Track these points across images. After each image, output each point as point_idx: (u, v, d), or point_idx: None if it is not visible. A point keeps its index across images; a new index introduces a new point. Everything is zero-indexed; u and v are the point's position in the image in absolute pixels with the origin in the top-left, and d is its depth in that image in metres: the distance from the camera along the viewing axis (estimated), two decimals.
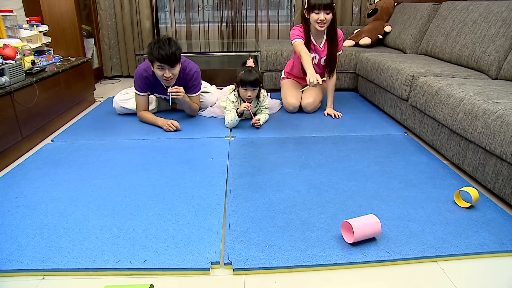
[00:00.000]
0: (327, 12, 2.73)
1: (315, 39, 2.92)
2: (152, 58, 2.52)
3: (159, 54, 2.47)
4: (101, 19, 4.44)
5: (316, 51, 2.93)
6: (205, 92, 3.06)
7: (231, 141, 2.49)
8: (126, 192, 1.84)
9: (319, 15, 2.74)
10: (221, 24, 4.64)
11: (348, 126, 2.76)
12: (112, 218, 1.62)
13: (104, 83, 4.43)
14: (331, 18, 2.77)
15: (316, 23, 2.78)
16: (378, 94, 3.12)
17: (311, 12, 2.76)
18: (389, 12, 4.07)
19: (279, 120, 2.91)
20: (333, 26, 2.83)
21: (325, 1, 2.70)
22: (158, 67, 2.54)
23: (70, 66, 3.01)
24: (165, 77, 2.57)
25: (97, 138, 2.56)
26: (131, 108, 2.95)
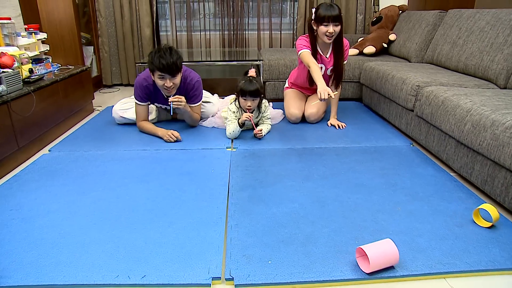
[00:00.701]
0: (336, 24, 2.72)
1: (321, 50, 2.91)
2: (152, 67, 2.53)
3: (160, 63, 2.48)
4: (101, 27, 4.47)
5: (323, 61, 2.93)
6: (206, 102, 3.06)
7: (233, 152, 2.49)
8: (125, 205, 1.83)
9: (328, 28, 2.72)
10: (222, 32, 4.67)
11: (352, 137, 2.75)
12: (110, 231, 1.61)
13: (103, 92, 4.44)
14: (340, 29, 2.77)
15: (324, 36, 2.77)
16: (383, 104, 3.12)
17: (319, 24, 2.75)
18: (394, 20, 4.09)
19: (282, 130, 2.92)
20: (340, 36, 2.82)
21: (334, 13, 2.69)
22: (159, 76, 2.54)
23: (68, 75, 3.02)
24: (166, 87, 2.57)
25: (95, 148, 2.56)
26: (131, 118, 2.95)
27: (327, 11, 2.69)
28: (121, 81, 4.72)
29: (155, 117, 3.02)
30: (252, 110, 2.71)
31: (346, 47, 2.92)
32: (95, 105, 3.70)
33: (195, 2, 4.60)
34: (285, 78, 3.62)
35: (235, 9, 4.56)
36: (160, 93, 2.78)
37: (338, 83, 2.99)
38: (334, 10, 2.70)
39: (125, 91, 4.43)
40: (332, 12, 2.69)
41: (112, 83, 4.69)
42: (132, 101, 2.99)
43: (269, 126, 2.87)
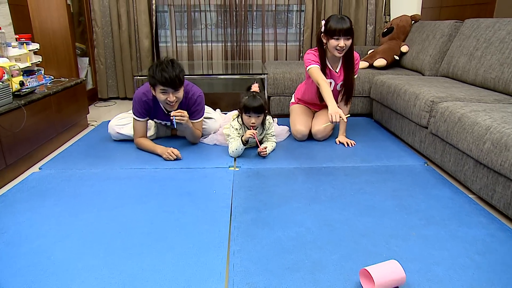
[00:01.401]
0: (347, 38, 2.73)
1: (330, 64, 2.92)
2: (154, 81, 2.55)
3: (162, 77, 2.49)
4: (96, 37, 4.51)
5: (332, 76, 2.93)
6: (208, 118, 3.08)
7: (236, 171, 2.49)
8: (120, 228, 1.82)
9: (339, 42, 2.72)
10: (225, 43, 4.70)
11: (362, 156, 2.75)
12: (104, 257, 1.60)
13: (98, 106, 4.46)
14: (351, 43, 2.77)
15: (335, 50, 2.77)
16: (395, 120, 3.12)
17: (329, 37, 2.76)
18: (406, 30, 4.11)
19: (287, 148, 2.91)
20: (351, 49, 2.83)
21: (346, 26, 2.69)
22: (161, 91, 2.56)
23: (62, 88, 3.04)
24: (169, 102, 2.59)
25: (89, 166, 2.56)
26: (128, 134, 2.96)
27: (338, 24, 2.70)
28: (118, 94, 4.75)
29: (154, 133, 3.03)
30: (256, 127, 2.71)
31: (357, 60, 2.93)
32: (90, 120, 3.71)
33: (196, 12, 4.64)
34: (291, 93, 3.63)
35: (239, 19, 4.60)
36: (160, 109, 2.79)
37: (348, 99, 3.00)
38: (345, 23, 2.70)
39: (121, 105, 4.45)
40: (344, 25, 2.69)
41: (108, 96, 4.72)
42: (129, 116, 3.00)
43: (274, 144, 2.87)
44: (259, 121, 2.71)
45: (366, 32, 4.66)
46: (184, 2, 4.56)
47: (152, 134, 3.00)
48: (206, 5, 4.59)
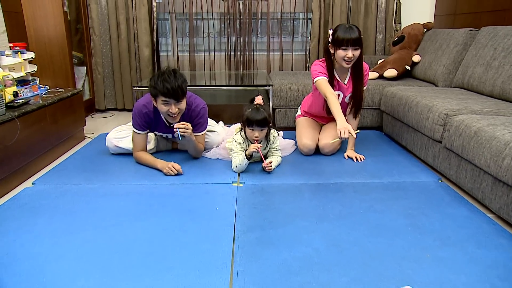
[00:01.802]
0: (355, 48, 2.73)
1: (339, 75, 2.92)
2: (156, 92, 2.56)
3: (164, 88, 2.50)
4: (94, 46, 4.54)
5: (340, 88, 2.94)
6: (211, 131, 3.08)
7: (239, 188, 2.48)
8: (118, 247, 1.82)
9: (346, 52, 2.72)
10: (228, 52, 4.72)
11: (372, 171, 2.74)
12: (101, 278, 1.60)
13: (95, 117, 4.48)
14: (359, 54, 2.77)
15: (342, 61, 2.77)
16: (406, 134, 3.12)
17: (337, 48, 2.76)
18: (418, 39, 4.12)
19: (293, 163, 2.91)
20: (360, 60, 2.83)
21: (354, 36, 2.69)
22: (163, 102, 2.57)
23: (58, 99, 3.06)
24: (171, 113, 2.60)
25: (86, 181, 2.56)
26: (126, 147, 2.97)
27: (346, 33, 2.70)
28: (116, 105, 4.77)
29: (154, 147, 3.04)
30: (260, 141, 2.71)
31: (366, 71, 2.93)
32: (87, 132, 3.72)
33: (199, 19, 4.67)
34: (297, 105, 3.63)
35: (242, 27, 4.63)
36: (161, 121, 2.80)
37: (357, 112, 3.00)
38: (353, 32, 2.70)
39: (120, 117, 4.47)
40: (352, 35, 2.69)
41: (106, 107, 4.74)
42: (128, 129, 3.01)
43: (279, 159, 2.86)
44: (263, 134, 2.71)
45: (376, 41, 4.68)
46: (186, 9, 4.59)
47: (152, 147, 3.01)
48: (209, 12, 4.62)
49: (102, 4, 4.47)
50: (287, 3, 4.66)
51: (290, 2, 4.65)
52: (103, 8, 4.48)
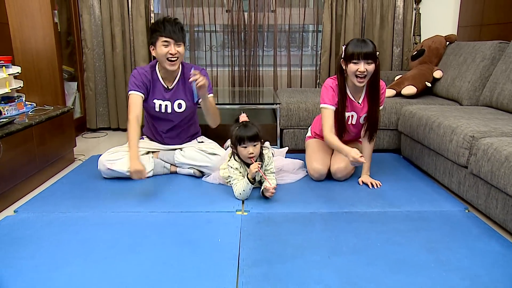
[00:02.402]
0: (368, 62, 2.72)
1: (352, 94, 2.93)
2: (155, 35, 2.83)
3: (165, 28, 2.79)
4: (86, 59, 4.58)
5: (354, 108, 2.94)
6: (213, 154, 3.09)
7: (244, 216, 2.47)
8: (110, 283, 1.80)
9: (358, 66, 2.72)
10: (232, 68, 4.75)
11: (390, 199, 2.72)
12: None
13: (87, 137, 4.50)
14: (374, 69, 2.77)
15: (354, 77, 2.76)
16: (427, 157, 3.11)
17: (348, 62, 2.76)
18: (439, 53, 4.14)
19: (303, 190, 2.90)
20: (376, 77, 2.83)
21: (366, 49, 2.69)
22: (163, 43, 2.82)
23: (46, 118, 3.07)
24: (171, 54, 2.83)
25: (75, 209, 2.56)
26: (120, 170, 2.97)
27: (357, 47, 2.71)
28: (109, 124, 4.80)
29: (151, 170, 3.05)
30: (256, 158, 2.70)
31: (383, 89, 2.93)
32: (77, 154, 3.73)
33: (200, 32, 4.72)
34: (307, 126, 3.63)
35: (247, 40, 4.67)
36: (159, 83, 3.01)
37: (373, 135, 2.98)
38: (366, 45, 2.71)
39: (113, 137, 4.48)
40: (364, 49, 2.69)
41: (98, 126, 4.77)
42: (123, 150, 3.02)
43: (274, 181, 2.83)
44: (257, 150, 2.69)
45: (393, 55, 4.70)
46: (187, 21, 4.64)
47: (148, 171, 3.01)
48: (211, 24, 4.67)
49: (96, 15, 4.52)
50: (295, 15, 4.70)
51: (299, 13, 4.70)
52: (96, 19, 4.53)
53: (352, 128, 3.01)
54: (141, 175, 2.66)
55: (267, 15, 4.66)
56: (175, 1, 4.64)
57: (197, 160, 3.06)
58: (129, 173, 2.73)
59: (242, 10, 4.62)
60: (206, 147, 3.11)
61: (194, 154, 3.07)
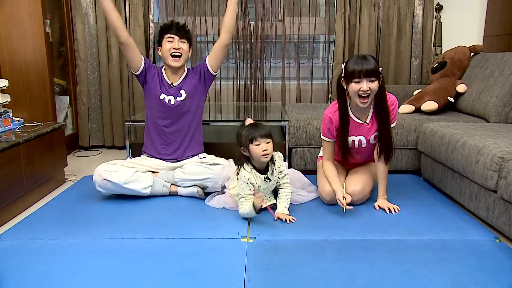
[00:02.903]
0: (371, 80, 2.69)
1: (357, 116, 2.91)
2: (162, 34, 3.18)
3: (171, 25, 3.16)
4: (79, 72, 4.61)
5: (361, 132, 2.92)
6: (214, 164, 3.11)
7: (249, 244, 2.45)
8: None
9: (360, 84, 2.69)
10: (236, 81, 4.77)
11: (409, 226, 2.69)
12: None
13: (79, 155, 4.51)
14: (378, 87, 2.74)
15: (357, 97, 2.74)
16: (451, 180, 3.08)
17: (349, 81, 2.74)
18: (463, 65, 4.13)
19: (314, 214, 2.88)
20: (381, 93, 2.80)
21: (368, 66, 2.67)
22: (168, 39, 3.15)
23: (35, 135, 3.08)
24: (174, 49, 3.13)
25: (65, 235, 2.54)
26: (118, 182, 2.96)
27: (358, 64, 2.69)
28: (104, 142, 4.81)
29: (149, 186, 3.05)
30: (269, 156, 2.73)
31: (393, 104, 2.90)
32: (68, 174, 3.73)
33: (202, 43, 4.75)
34: (318, 144, 3.61)
35: (254, 52, 4.68)
36: (164, 81, 3.25)
37: (389, 157, 2.94)
38: (367, 62, 2.68)
39: (108, 156, 4.48)
40: (365, 66, 2.67)
41: (91, 144, 4.79)
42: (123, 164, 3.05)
43: (288, 193, 2.86)
44: (271, 147, 2.71)
45: (411, 67, 4.71)
46: None
47: (146, 186, 3.03)
48: (215, 35, 4.70)
49: (90, 24, 4.55)
50: (305, 24, 4.72)
51: (309, 23, 4.72)
52: (91, 28, 4.56)
53: (362, 151, 3.00)
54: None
55: (275, 24, 4.69)
56: (176, 10, 4.67)
57: (198, 173, 3.06)
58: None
59: (248, 20, 4.64)
60: (208, 159, 3.19)
61: (194, 168, 3.09)
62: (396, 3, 4.57)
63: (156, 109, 3.22)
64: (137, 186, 3.00)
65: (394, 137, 3.47)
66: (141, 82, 3.27)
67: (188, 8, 4.64)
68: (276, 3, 4.68)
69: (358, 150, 2.99)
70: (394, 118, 2.94)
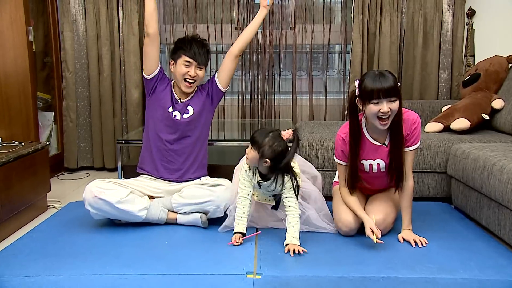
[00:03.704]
0: (391, 100, 2.66)
1: (374, 137, 2.89)
2: (179, 52, 3.13)
3: (191, 46, 3.11)
4: (67, 85, 4.62)
5: (378, 154, 2.90)
6: (215, 185, 3.10)
7: (256, 281, 2.41)
8: None
9: (380, 106, 2.65)
10: (242, 96, 4.78)
11: (439, 262, 2.63)
12: None
13: (64, 179, 4.50)
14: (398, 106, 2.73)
15: (376, 119, 2.71)
16: (487, 209, 3.04)
17: (367, 102, 2.71)
18: (499, 77, 4.10)
19: (329, 247, 2.83)
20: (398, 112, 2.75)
21: (387, 84, 2.63)
22: (185, 63, 3.12)
23: (14, 157, 3.06)
24: (189, 76, 3.12)
25: (46, 271, 2.49)
26: (112, 201, 2.91)
27: (376, 82, 2.64)
28: (93, 163, 4.82)
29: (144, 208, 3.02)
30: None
31: (415, 123, 2.87)
32: (51, 200, 3.71)
33: None
34: (333, 167, 3.56)
35: (261, 63, 4.69)
36: (174, 96, 3.26)
37: (398, 183, 2.92)
38: (386, 79, 2.65)
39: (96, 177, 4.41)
40: (384, 83, 2.63)
41: (79, 166, 4.77)
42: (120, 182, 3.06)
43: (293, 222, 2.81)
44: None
45: (439, 80, 4.71)
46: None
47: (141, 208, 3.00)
48: (218, 44, 4.72)
49: (80, 32, 4.58)
50: (319, 33, 4.73)
51: (323, 31, 4.75)
52: (80, 37, 4.59)
53: (382, 176, 2.97)
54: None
55: (285, 33, 4.70)
56: (174, 17, 4.70)
57: (198, 196, 3.04)
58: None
59: None
60: (208, 181, 3.17)
61: (194, 191, 3.07)
62: (422, 8, 4.58)
63: (161, 121, 3.22)
64: (131, 207, 2.96)
65: (419, 159, 3.46)
66: (149, 90, 3.26)
67: (188, 15, 4.67)
68: (287, 9, 4.70)
69: (377, 175, 2.97)
70: (418, 139, 2.89)
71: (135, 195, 3.03)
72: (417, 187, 3.63)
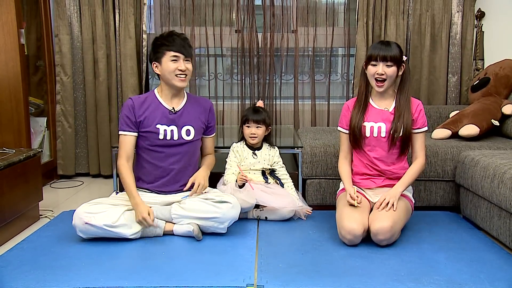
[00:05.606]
0: (387, 64, 3.01)
1: (376, 102, 3.22)
2: (162, 49, 3.08)
3: (174, 40, 3.07)
4: (61, 89, 4.61)
5: (381, 118, 3.16)
6: (222, 201, 3.06)
7: None
8: None
9: (376, 68, 3.03)
10: (242, 100, 4.78)
11: (448, 274, 2.61)
12: None
13: (57, 187, 4.49)
14: (395, 73, 3.05)
15: (373, 79, 3.08)
16: (497, 219, 3.02)
17: (367, 64, 3.10)
18: (510, 82, 4.11)
19: (331, 259, 2.81)
20: (403, 82, 3.13)
21: (386, 51, 3.00)
22: (172, 58, 3.07)
23: (5, 164, 3.05)
24: (180, 71, 3.08)
25: (37, 284, 2.47)
26: (101, 226, 2.90)
27: (377, 48, 3.04)
28: (88, 170, 4.82)
29: (138, 232, 3.00)
30: (257, 141, 3.50)
31: (418, 108, 3.16)
32: (43, 209, 3.70)
33: (202, 57, 4.75)
34: (337, 175, 3.54)
35: (261, 67, 4.69)
36: (161, 108, 3.19)
37: (405, 150, 3.16)
38: (388, 47, 3.02)
39: (92, 187, 4.46)
40: (383, 50, 3.01)
41: (73, 172, 4.76)
42: (107, 202, 3.02)
43: (291, 185, 3.59)
44: (260, 132, 3.48)
45: (447, 85, 4.71)
46: None
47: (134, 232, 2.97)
48: (217, 47, 4.72)
49: (74, 35, 4.60)
50: (321, 36, 4.74)
51: (325, 34, 4.75)
52: (75, 40, 4.60)
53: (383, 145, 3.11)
54: (151, 218, 2.91)
55: (286, 36, 4.70)
56: (171, 19, 4.70)
57: (201, 211, 3.01)
58: (139, 223, 2.96)
59: (255, 30, 4.67)
60: (213, 195, 3.12)
61: (198, 205, 3.04)
62: (429, 10, 4.59)
63: (154, 151, 3.20)
64: (123, 231, 2.94)
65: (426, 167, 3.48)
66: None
67: (186, 17, 4.67)
68: (288, 10, 4.71)
69: (378, 140, 3.11)
70: (424, 123, 3.18)
71: (128, 213, 2.98)
72: (424, 196, 3.66)
